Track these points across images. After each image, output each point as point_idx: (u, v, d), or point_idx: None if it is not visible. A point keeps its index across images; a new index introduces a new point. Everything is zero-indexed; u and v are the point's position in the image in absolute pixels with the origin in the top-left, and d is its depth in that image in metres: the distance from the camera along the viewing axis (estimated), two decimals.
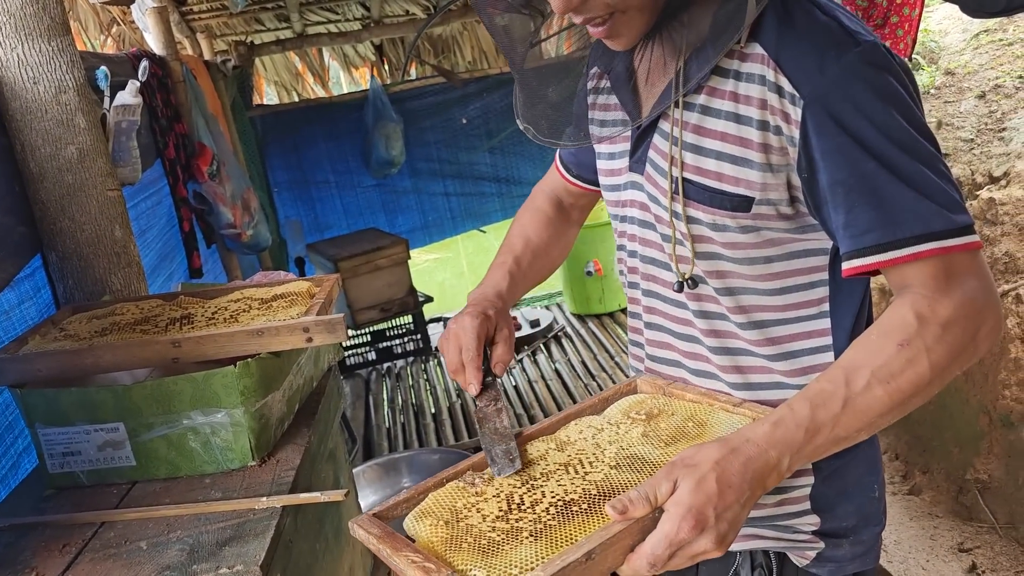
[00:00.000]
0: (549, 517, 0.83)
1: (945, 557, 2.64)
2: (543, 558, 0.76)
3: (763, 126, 0.92)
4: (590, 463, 0.93)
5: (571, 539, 0.79)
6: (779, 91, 0.90)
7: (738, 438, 0.84)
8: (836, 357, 1.03)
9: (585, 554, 0.74)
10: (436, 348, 1.14)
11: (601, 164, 1.19)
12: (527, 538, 0.80)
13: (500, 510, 0.86)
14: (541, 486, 0.89)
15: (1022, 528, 2.62)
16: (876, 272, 0.91)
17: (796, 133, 0.90)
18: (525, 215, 1.38)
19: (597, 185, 1.33)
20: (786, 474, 0.84)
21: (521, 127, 1.16)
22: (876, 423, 0.86)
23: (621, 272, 1.22)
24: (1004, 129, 3.61)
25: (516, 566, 0.76)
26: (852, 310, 1.04)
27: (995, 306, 0.88)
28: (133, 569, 1.00)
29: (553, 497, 0.87)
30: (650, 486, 0.80)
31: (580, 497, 0.86)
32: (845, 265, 0.91)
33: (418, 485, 0.95)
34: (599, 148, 1.19)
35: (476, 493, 0.90)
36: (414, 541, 0.84)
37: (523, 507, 0.86)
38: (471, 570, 0.77)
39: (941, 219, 0.86)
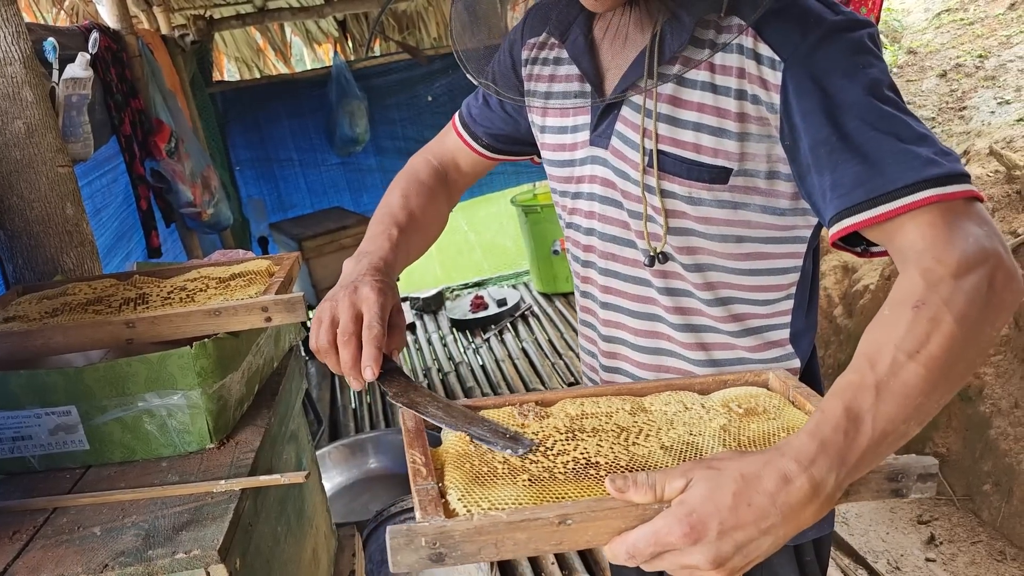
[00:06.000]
0: (560, 469, 0.79)
1: (905, 529, 2.69)
2: (520, 504, 0.72)
3: (740, 95, 0.92)
4: (646, 436, 0.85)
5: (561, 497, 0.74)
6: (757, 58, 0.90)
7: (777, 454, 0.70)
8: (791, 333, 1.04)
9: (559, 516, 0.70)
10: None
11: (548, 138, 1.14)
12: (524, 481, 0.77)
13: None
14: (581, 440, 0.83)
15: (979, 500, 2.68)
16: (867, 250, 0.88)
17: (776, 99, 0.89)
18: (409, 185, 1.25)
19: (506, 155, 1.27)
20: (836, 494, 0.70)
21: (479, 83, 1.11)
22: (923, 407, 0.73)
23: (569, 251, 1.19)
24: (964, 108, 3.65)
25: (488, 501, 0.73)
26: (805, 289, 1.05)
27: (1005, 253, 0.78)
28: (86, 555, 0.97)
29: (582, 454, 0.81)
30: (661, 476, 0.70)
31: (606, 462, 0.80)
32: (834, 228, 0.85)
33: (483, 399, 0.93)
34: (544, 121, 1.15)
35: (520, 424, 0.87)
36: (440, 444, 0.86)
37: (548, 453, 0.81)
38: (450, 489, 0.75)
39: (934, 166, 0.80)
